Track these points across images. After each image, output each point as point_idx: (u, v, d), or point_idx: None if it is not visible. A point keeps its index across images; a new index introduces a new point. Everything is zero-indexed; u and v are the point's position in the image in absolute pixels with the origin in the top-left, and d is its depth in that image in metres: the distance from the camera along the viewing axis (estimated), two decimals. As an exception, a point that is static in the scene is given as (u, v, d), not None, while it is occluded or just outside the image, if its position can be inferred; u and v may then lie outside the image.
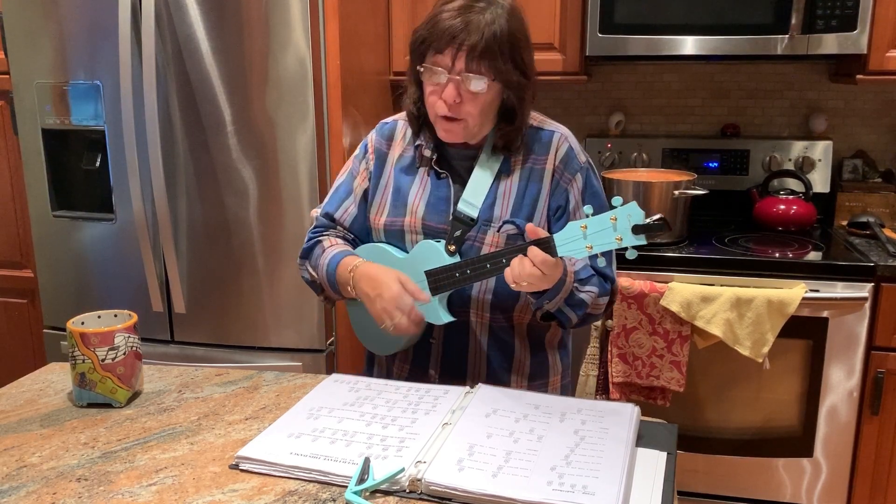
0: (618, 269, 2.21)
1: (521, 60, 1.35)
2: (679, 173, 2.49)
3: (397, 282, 1.33)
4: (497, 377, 1.47)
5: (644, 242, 1.15)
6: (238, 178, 2.15)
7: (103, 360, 1.30)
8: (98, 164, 2.27)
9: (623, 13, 2.33)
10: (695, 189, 2.34)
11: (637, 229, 1.15)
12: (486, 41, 1.28)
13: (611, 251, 1.36)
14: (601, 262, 1.27)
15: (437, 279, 1.36)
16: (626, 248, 1.18)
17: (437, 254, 1.38)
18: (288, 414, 1.25)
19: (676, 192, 2.32)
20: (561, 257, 1.24)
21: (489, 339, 1.45)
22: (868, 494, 2.25)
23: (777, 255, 2.23)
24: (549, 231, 1.39)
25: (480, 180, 1.40)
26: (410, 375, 1.51)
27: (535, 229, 1.23)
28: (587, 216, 1.19)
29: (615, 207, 1.16)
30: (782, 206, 2.50)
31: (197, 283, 2.25)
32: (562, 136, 1.43)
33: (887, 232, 2.41)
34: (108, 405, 1.33)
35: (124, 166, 2.19)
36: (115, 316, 1.38)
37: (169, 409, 1.32)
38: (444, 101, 1.33)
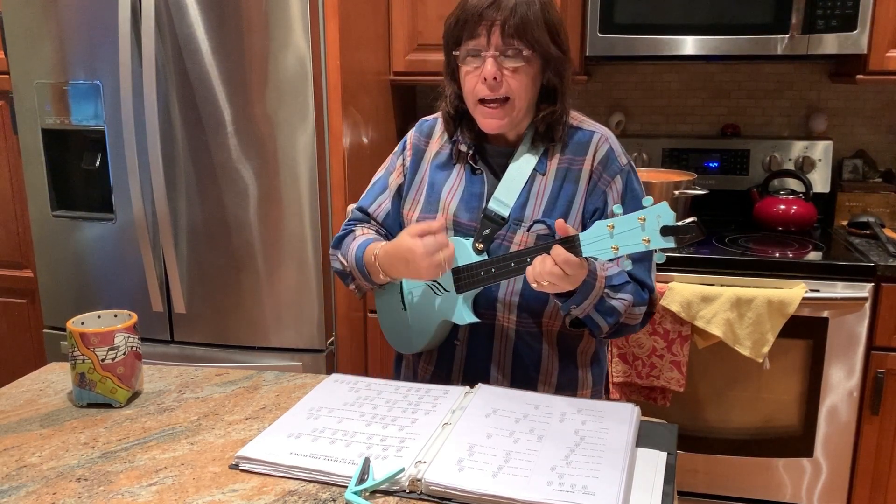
0: (618, 269, 2.23)
1: (558, 35, 1.32)
2: (679, 173, 2.49)
3: (411, 237, 1.28)
4: (522, 385, 1.41)
5: (673, 245, 1.08)
6: (238, 178, 2.15)
7: (103, 360, 1.30)
8: (98, 164, 2.27)
9: (623, 13, 2.33)
10: (695, 189, 2.34)
11: (666, 231, 1.08)
12: (520, 13, 1.26)
13: (649, 258, 1.32)
14: (627, 265, 1.17)
15: (462, 277, 1.34)
16: (654, 251, 1.12)
17: (464, 251, 1.36)
18: (288, 414, 1.25)
19: (676, 192, 2.32)
20: (588, 259, 1.19)
21: (516, 344, 1.40)
22: (868, 494, 2.25)
23: (777, 255, 2.23)
24: None
25: (514, 178, 1.36)
26: (434, 377, 1.49)
27: (564, 227, 1.19)
28: (615, 215, 1.13)
29: (645, 207, 1.10)
30: (782, 206, 2.50)
31: (197, 283, 2.25)
32: (602, 137, 1.39)
33: (887, 232, 2.41)
34: (108, 405, 1.33)
35: (124, 166, 2.19)
36: (115, 316, 1.38)
37: (169, 409, 1.32)
38: (484, 79, 1.29)
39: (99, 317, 1.37)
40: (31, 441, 1.21)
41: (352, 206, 1.56)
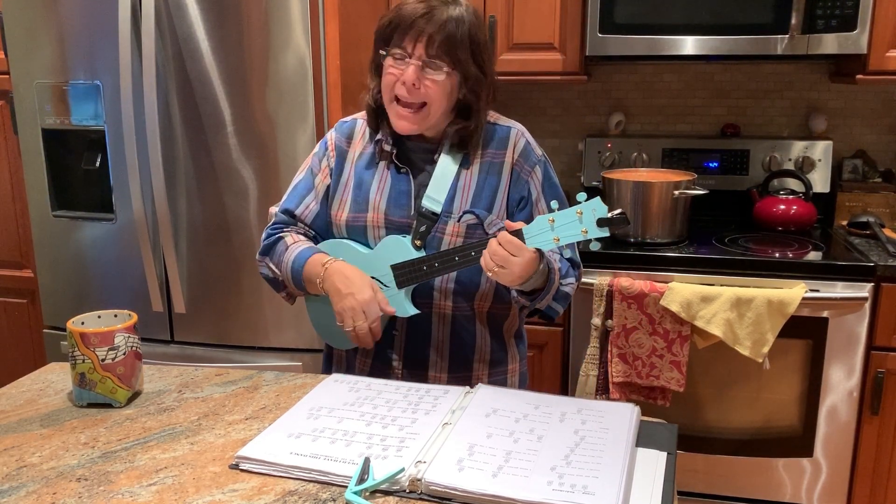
0: (617, 269, 2.23)
1: (480, 56, 1.40)
2: (679, 173, 2.49)
3: (371, 289, 1.38)
4: (460, 365, 1.50)
5: (607, 234, 1.24)
6: (238, 178, 2.15)
7: (103, 360, 1.30)
8: (98, 163, 2.27)
9: (623, 13, 2.33)
10: (695, 189, 2.34)
11: (601, 222, 1.23)
12: (447, 30, 1.35)
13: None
14: (567, 253, 1.35)
15: (404, 273, 1.41)
16: (590, 241, 1.27)
17: (403, 248, 1.42)
18: (288, 414, 1.25)
19: (676, 192, 2.32)
20: (543, 256, 1.32)
21: (452, 327, 1.48)
22: (868, 494, 2.25)
23: (777, 255, 2.23)
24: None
25: (442, 177, 1.45)
26: (373, 369, 1.53)
27: (510, 224, 1.30)
28: (553, 210, 1.27)
29: (580, 203, 1.24)
30: (782, 206, 2.50)
31: (197, 283, 2.25)
32: (518, 132, 1.49)
33: (887, 232, 2.41)
34: (108, 405, 1.33)
35: (124, 166, 2.19)
36: (115, 316, 1.38)
37: (169, 409, 1.32)
38: (402, 82, 1.37)
39: (99, 317, 1.37)
40: (32, 441, 1.21)
41: (274, 209, 1.57)
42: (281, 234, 1.52)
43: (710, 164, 2.71)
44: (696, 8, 2.29)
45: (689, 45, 2.32)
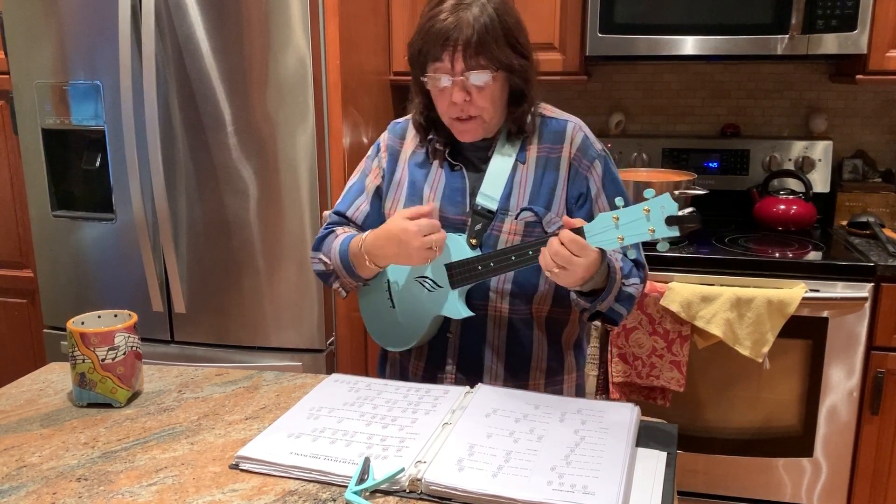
0: (618, 269, 2.23)
1: (518, 43, 1.36)
2: (679, 173, 2.49)
3: (404, 219, 1.32)
4: (515, 372, 1.45)
5: (677, 234, 1.14)
6: (238, 178, 2.15)
7: (103, 360, 1.30)
8: (98, 164, 2.27)
9: (623, 13, 2.33)
10: (695, 189, 2.34)
11: (670, 221, 1.14)
12: (478, 34, 1.30)
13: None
14: (633, 254, 1.26)
15: (458, 272, 1.36)
16: (657, 241, 1.17)
17: (458, 247, 1.38)
18: (288, 414, 1.25)
19: (676, 192, 2.32)
20: (606, 255, 1.25)
21: (508, 332, 1.43)
22: (868, 494, 2.25)
23: (777, 255, 2.23)
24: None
25: (498, 173, 1.40)
26: (426, 373, 1.49)
27: (570, 220, 1.23)
28: (618, 207, 1.18)
29: (647, 199, 1.15)
30: (782, 206, 2.50)
31: (197, 283, 2.25)
32: (576, 126, 1.44)
33: (887, 232, 2.41)
34: (108, 405, 1.33)
35: (124, 166, 2.19)
36: (115, 316, 1.38)
37: (169, 409, 1.32)
38: (454, 102, 1.34)
39: (99, 317, 1.37)
40: (32, 441, 1.21)
41: (328, 212, 1.57)
42: (332, 229, 1.51)
43: (710, 164, 2.71)
44: (696, 8, 2.29)
45: (689, 45, 2.32)
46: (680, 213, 1.13)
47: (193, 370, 1.51)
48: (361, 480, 1.03)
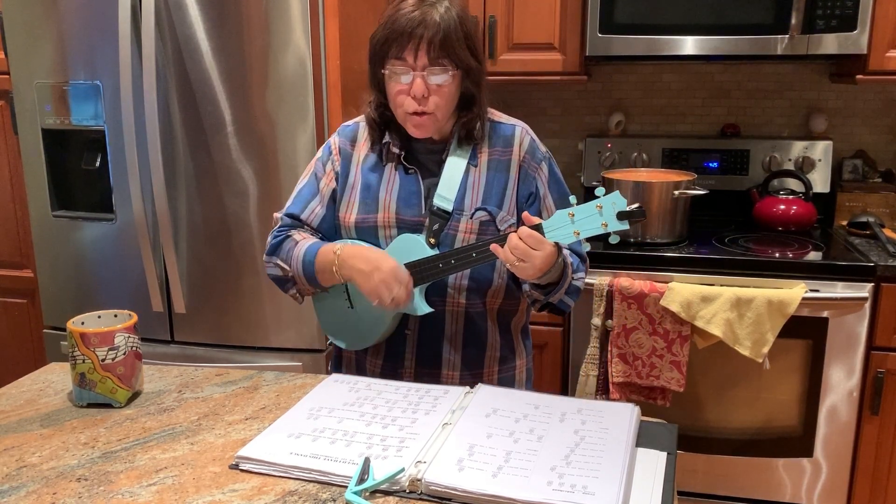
0: (618, 269, 2.23)
1: (474, 46, 1.42)
2: (679, 173, 2.49)
3: (390, 258, 1.39)
4: (471, 363, 1.51)
5: (627, 227, 1.27)
6: (238, 178, 2.15)
7: (103, 360, 1.30)
8: (98, 164, 2.27)
9: (623, 13, 2.33)
10: (695, 189, 2.34)
11: (622, 216, 1.25)
12: (444, 32, 1.35)
13: None
14: (586, 247, 1.37)
15: (419, 270, 1.41)
16: (609, 234, 1.28)
17: (418, 247, 1.42)
18: (288, 414, 1.25)
19: (676, 192, 2.32)
20: (558, 247, 1.32)
21: (464, 325, 1.49)
22: (868, 494, 2.25)
23: (777, 255, 2.23)
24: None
25: (452, 175, 1.46)
26: (384, 370, 1.52)
27: (528, 217, 1.32)
28: (572, 204, 1.29)
29: (598, 197, 1.26)
30: (782, 206, 2.50)
31: (197, 283, 2.25)
32: (523, 129, 1.51)
33: (887, 232, 2.41)
34: (108, 405, 1.33)
35: (124, 166, 2.19)
36: (115, 316, 1.38)
37: (169, 409, 1.32)
38: (412, 97, 1.38)
39: (99, 317, 1.37)
40: (32, 441, 1.21)
41: (279, 214, 1.56)
42: (288, 234, 1.52)
43: (710, 164, 2.71)
44: (696, 8, 2.29)
45: (689, 45, 2.32)
46: (629, 209, 1.26)
47: (193, 370, 1.51)
48: (361, 480, 1.03)
